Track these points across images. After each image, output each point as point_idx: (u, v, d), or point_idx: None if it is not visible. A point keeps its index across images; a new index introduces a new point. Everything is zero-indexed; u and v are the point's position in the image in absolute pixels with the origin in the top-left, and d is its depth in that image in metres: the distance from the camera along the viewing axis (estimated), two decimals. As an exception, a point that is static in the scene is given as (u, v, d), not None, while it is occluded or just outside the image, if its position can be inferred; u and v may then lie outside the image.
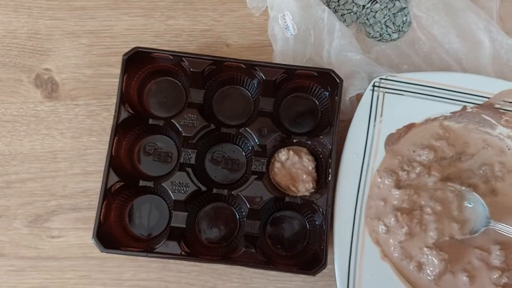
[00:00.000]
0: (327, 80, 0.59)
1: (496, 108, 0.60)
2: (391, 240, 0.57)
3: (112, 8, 0.66)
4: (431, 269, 0.56)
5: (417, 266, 0.57)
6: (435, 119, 0.60)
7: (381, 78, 0.60)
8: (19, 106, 0.64)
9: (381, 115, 0.59)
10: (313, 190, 0.59)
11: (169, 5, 0.66)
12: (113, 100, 0.62)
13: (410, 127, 0.60)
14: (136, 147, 0.61)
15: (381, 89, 0.60)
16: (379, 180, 0.59)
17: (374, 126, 0.59)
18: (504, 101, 0.59)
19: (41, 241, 0.61)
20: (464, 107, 0.60)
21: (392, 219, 0.57)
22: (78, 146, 0.63)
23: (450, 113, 0.60)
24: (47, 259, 0.60)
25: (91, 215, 0.60)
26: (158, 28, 0.66)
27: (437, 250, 0.56)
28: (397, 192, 0.58)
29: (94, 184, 0.62)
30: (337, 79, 0.57)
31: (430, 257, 0.56)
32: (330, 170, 0.57)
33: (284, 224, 0.60)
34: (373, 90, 0.60)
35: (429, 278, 0.56)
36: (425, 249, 0.57)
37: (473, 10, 0.62)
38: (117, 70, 0.62)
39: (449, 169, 0.61)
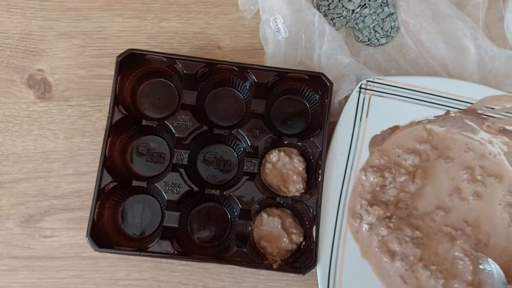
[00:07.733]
0: (317, 83, 0.60)
1: (479, 113, 0.61)
2: (373, 237, 0.59)
3: (106, 10, 0.66)
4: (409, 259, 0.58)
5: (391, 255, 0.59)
6: (419, 122, 0.62)
7: (368, 81, 0.61)
8: (11, 106, 0.64)
9: (366, 116, 0.61)
10: (303, 191, 0.60)
11: (162, 7, 0.67)
12: (106, 101, 0.63)
13: (394, 129, 0.61)
14: (129, 148, 0.62)
15: (367, 91, 0.61)
16: (363, 178, 0.60)
17: (360, 126, 0.61)
18: (486, 107, 0.61)
19: (33, 241, 0.61)
20: (448, 112, 0.61)
21: (374, 218, 0.59)
22: (70, 146, 0.63)
23: (434, 117, 0.61)
24: (39, 259, 0.61)
25: (84, 215, 0.61)
26: (151, 30, 0.66)
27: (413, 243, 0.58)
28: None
29: (86, 185, 0.62)
30: (327, 83, 0.59)
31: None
32: (320, 171, 0.58)
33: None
34: (359, 92, 0.61)
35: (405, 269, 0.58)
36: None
37: (460, 17, 0.63)
38: (110, 72, 0.62)
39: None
